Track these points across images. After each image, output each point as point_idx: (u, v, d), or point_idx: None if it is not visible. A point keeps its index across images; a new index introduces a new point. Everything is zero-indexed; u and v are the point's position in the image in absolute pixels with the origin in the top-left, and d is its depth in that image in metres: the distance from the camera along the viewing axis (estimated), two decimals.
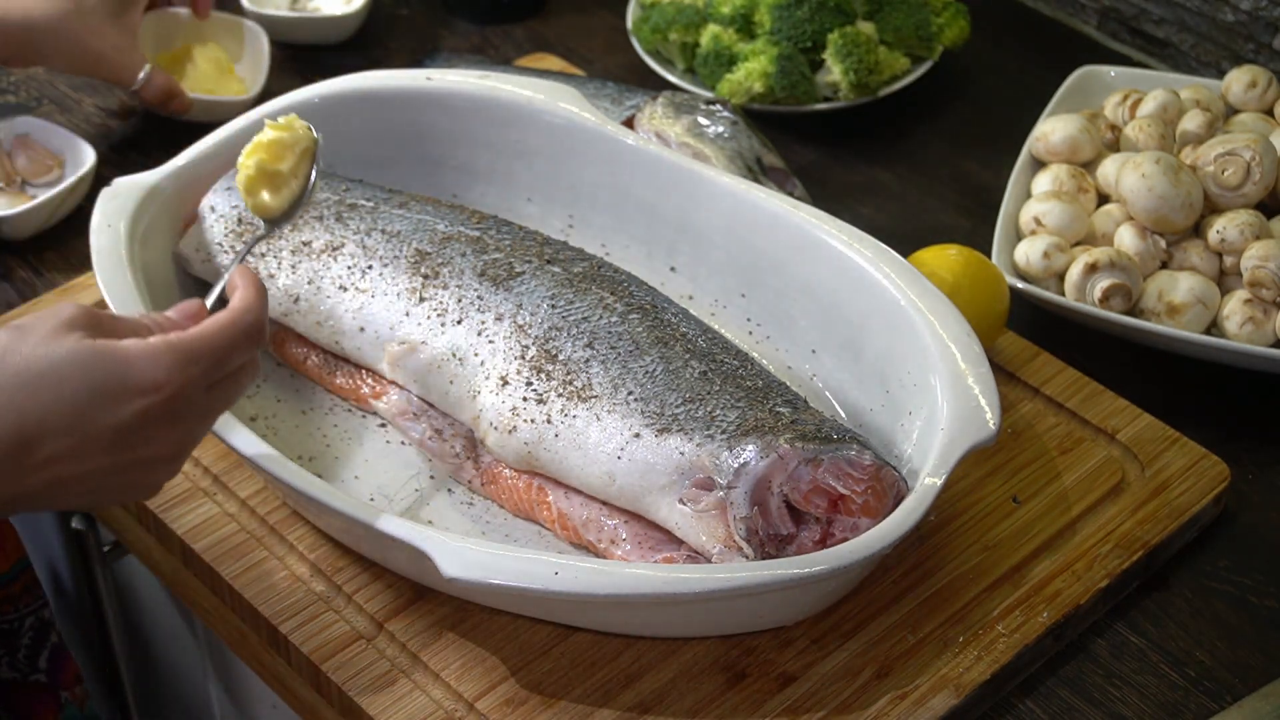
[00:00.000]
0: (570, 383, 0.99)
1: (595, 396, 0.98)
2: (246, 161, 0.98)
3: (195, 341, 0.81)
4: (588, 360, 1.00)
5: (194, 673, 1.28)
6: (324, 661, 0.96)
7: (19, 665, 1.13)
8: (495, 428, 1.00)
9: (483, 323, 1.03)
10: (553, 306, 1.03)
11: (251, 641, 1.01)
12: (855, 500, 0.92)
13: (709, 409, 0.97)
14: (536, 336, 1.02)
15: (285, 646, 0.98)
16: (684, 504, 0.94)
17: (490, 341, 1.02)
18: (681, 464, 0.95)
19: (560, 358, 1.00)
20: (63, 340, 0.78)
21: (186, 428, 0.82)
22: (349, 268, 1.08)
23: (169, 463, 0.82)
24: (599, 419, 0.97)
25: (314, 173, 0.99)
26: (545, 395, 0.99)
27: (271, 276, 1.08)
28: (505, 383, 1.00)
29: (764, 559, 0.93)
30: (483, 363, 1.02)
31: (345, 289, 1.07)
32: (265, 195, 0.98)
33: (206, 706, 1.29)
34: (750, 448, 0.93)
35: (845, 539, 0.93)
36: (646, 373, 0.99)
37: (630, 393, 0.98)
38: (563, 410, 0.98)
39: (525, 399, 0.99)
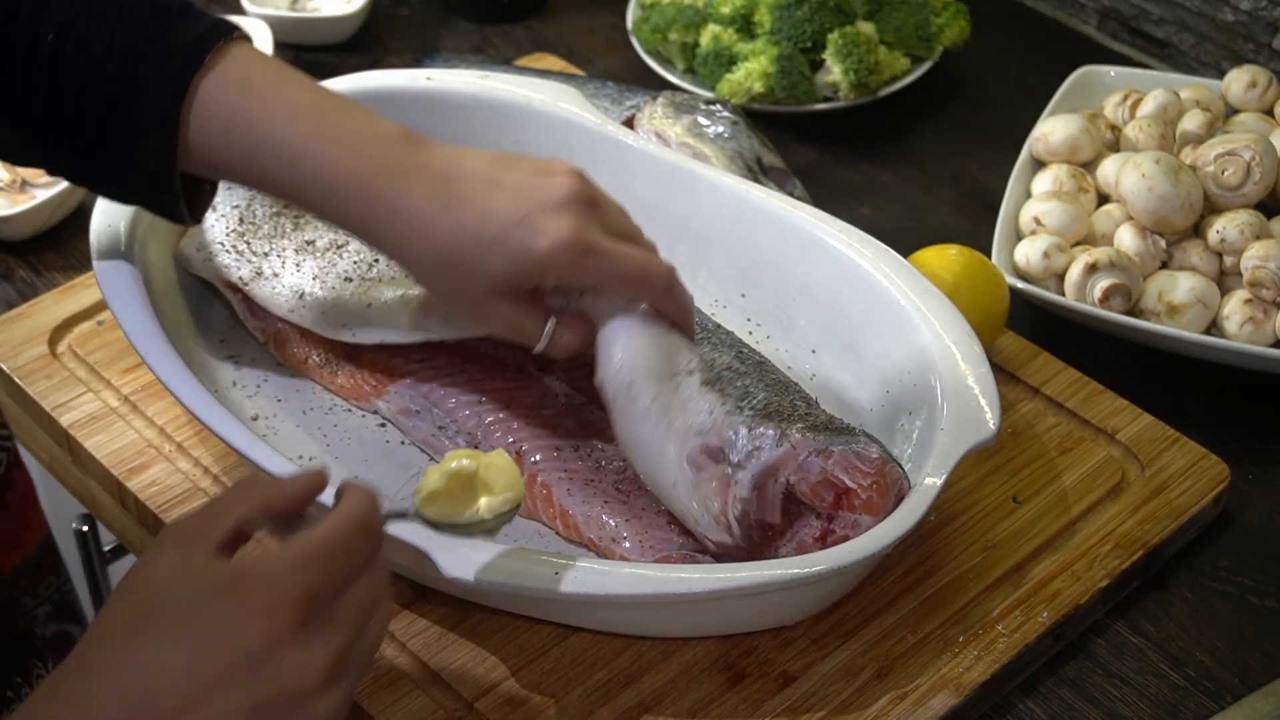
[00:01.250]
0: None
1: None
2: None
3: (308, 549, 0.73)
4: None
5: None
6: None
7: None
8: None
9: None
10: None
11: None
12: (860, 495, 0.92)
13: (744, 384, 0.97)
14: None
15: None
16: (689, 465, 0.94)
17: None
18: (706, 423, 0.94)
19: None
20: (166, 562, 0.72)
21: (325, 645, 0.71)
22: (355, 263, 1.08)
23: (326, 689, 0.71)
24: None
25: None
26: None
27: (276, 275, 1.08)
28: None
29: (748, 544, 0.93)
30: None
31: (351, 280, 1.07)
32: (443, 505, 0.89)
33: None
34: (769, 434, 0.93)
35: (846, 536, 0.93)
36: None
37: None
38: None
39: None
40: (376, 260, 1.08)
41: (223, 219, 1.12)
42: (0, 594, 1.03)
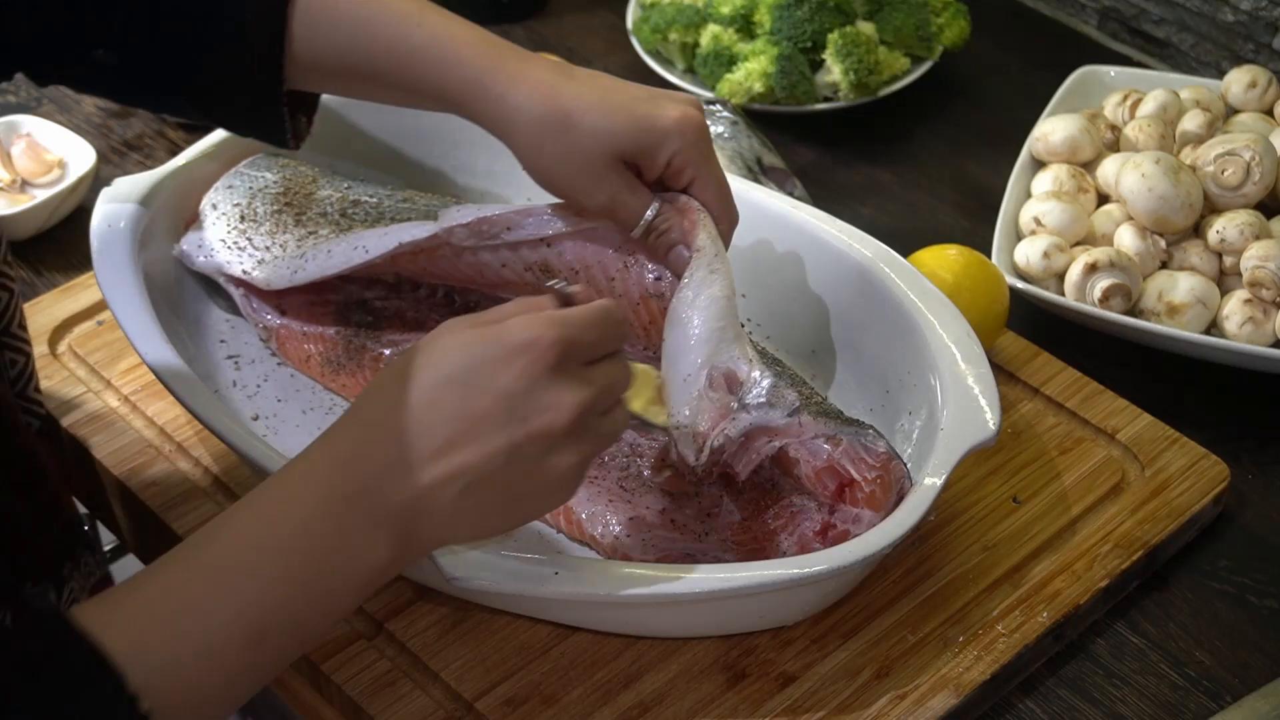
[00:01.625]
0: None
1: None
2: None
3: (564, 311, 0.80)
4: None
5: None
6: (324, 661, 0.96)
7: None
8: None
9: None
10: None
11: None
12: (863, 488, 0.92)
13: (781, 366, 1.00)
14: None
15: None
16: (708, 375, 0.93)
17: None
18: (744, 355, 0.94)
19: None
20: (442, 333, 0.79)
21: (575, 392, 0.78)
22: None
23: (570, 439, 0.78)
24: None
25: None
26: None
27: (278, 259, 1.08)
28: None
29: (700, 474, 0.94)
30: None
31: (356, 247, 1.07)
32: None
33: None
34: (787, 399, 0.93)
35: (846, 531, 0.93)
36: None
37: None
38: None
39: None
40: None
41: (224, 217, 1.12)
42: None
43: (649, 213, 0.96)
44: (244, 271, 1.08)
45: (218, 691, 0.73)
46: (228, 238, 1.10)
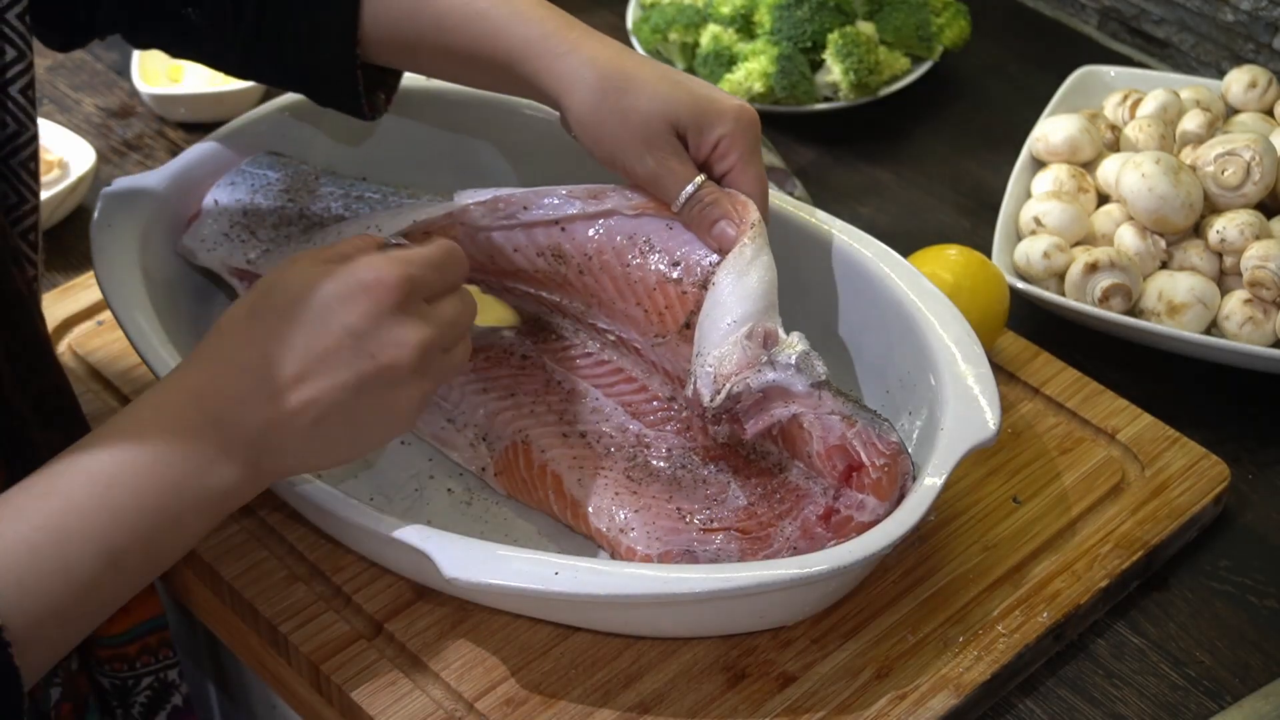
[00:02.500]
0: None
1: None
2: None
3: (408, 251, 0.85)
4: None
5: (194, 673, 1.28)
6: (324, 661, 0.96)
7: None
8: None
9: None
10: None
11: (251, 641, 1.01)
12: (870, 474, 0.92)
13: None
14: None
15: (285, 646, 0.98)
16: (747, 327, 0.94)
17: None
18: (775, 321, 0.95)
19: None
20: (287, 267, 0.83)
21: (418, 330, 0.82)
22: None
23: (414, 375, 0.83)
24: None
25: None
26: None
27: (281, 248, 1.08)
28: None
29: (709, 419, 0.94)
30: None
31: (369, 227, 1.08)
32: None
33: (206, 706, 1.29)
34: (817, 369, 0.93)
35: (849, 516, 0.93)
36: None
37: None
38: None
39: None
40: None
41: (226, 211, 1.12)
42: None
43: (690, 186, 0.97)
44: (249, 261, 1.08)
45: (74, 611, 0.76)
46: (231, 231, 1.10)
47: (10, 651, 0.73)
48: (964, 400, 0.98)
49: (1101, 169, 1.29)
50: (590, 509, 0.99)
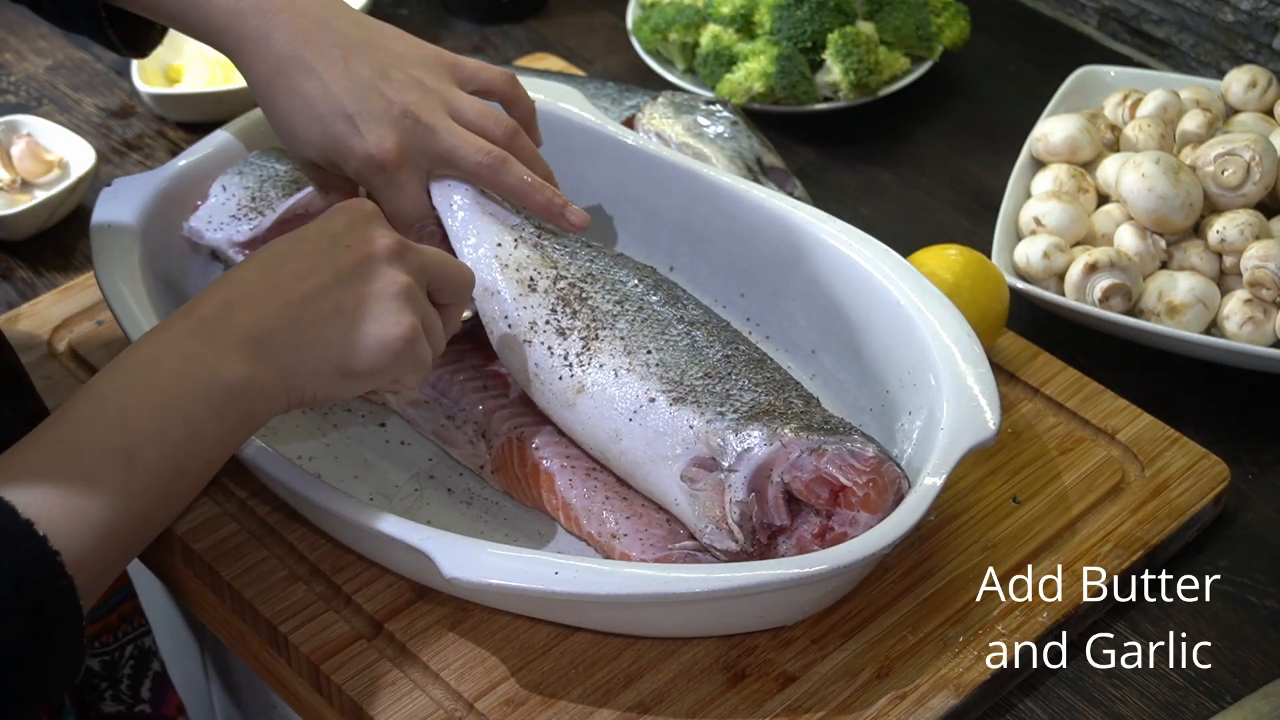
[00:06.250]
0: (595, 330, 0.99)
1: (616, 352, 0.98)
2: None
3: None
4: (615, 316, 1.00)
5: (194, 673, 1.28)
6: (324, 661, 0.96)
7: (122, 697, 1.13)
8: (509, 346, 1.01)
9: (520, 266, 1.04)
10: (590, 260, 1.04)
11: (251, 641, 1.01)
12: (856, 493, 0.92)
13: (726, 387, 0.97)
14: (570, 276, 1.02)
15: (285, 646, 0.98)
16: (684, 480, 0.94)
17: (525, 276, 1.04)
18: (689, 438, 0.94)
19: (590, 303, 1.01)
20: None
21: (391, 231, 0.91)
22: None
23: (389, 265, 0.89)
24: (616, 375, 0.97)
25: None
26: (568, 331, 0.99)
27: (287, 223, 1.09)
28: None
29: (754, 546, 0.93)
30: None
31: None
32: None
33: (206, 706, 1.29)
34: (756, 434, 0.93)
35: (844, 533, 0.93)
36: (670, 342, 0.99)
37: (651, 355, 0.98)
38: (581, 353, 0.98)
39: (548, 322, 1.00)
40: None
41: (234, 197, 1.12)
42: None
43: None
44: (255, 228, 1.09)
45: (99, 513, 0.78)
46: (239, 213, 1.11)
47: (64, 566, 0.75)
48: (964, 400, 0.98)
49: (1101, 169, 1.29)
50: (581, 512, 0.99)
